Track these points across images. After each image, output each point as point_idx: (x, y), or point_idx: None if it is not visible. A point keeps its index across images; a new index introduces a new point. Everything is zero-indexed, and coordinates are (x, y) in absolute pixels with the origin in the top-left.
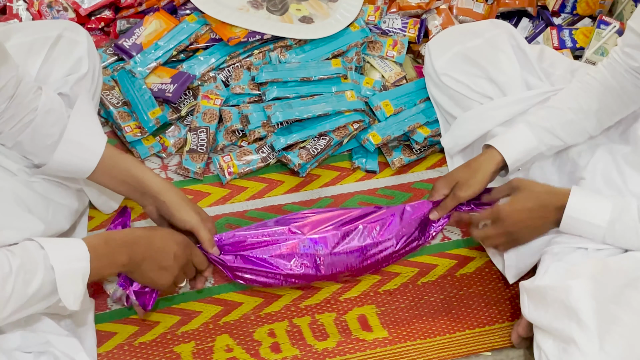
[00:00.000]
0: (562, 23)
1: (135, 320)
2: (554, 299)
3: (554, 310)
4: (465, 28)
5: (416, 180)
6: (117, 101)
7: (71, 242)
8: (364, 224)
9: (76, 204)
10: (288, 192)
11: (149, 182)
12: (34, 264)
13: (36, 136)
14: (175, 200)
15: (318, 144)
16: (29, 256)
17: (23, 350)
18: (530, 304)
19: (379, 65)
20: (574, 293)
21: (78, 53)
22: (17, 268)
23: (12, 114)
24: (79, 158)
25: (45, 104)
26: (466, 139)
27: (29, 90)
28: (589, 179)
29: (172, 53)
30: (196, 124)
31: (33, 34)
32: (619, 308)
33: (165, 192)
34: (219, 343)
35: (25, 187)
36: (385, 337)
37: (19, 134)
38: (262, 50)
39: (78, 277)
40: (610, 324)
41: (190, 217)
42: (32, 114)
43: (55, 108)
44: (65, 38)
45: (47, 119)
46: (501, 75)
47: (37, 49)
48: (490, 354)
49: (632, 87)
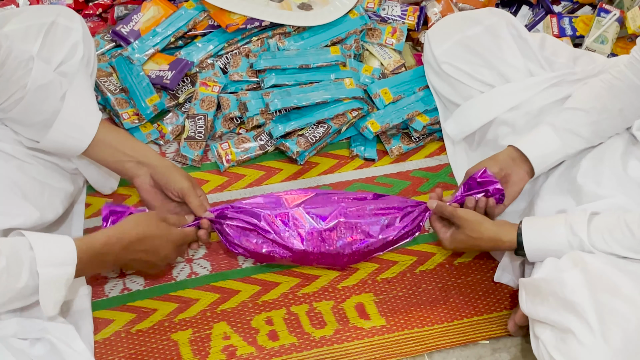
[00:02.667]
0: (562, 11)
1: (132, 307)
2: (549, 292)
3: (550, 303)
4: (464, 16)
5: (415, 169)
6: (114, 88)
7: (62, 244)
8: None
9: (71, 187)
10: (286, 180)
11: (145, 150)
12: (19, 266)
13: (28, 113)
14: (169, 165)
15: (316, 132)
16: (15, 257)
17: (19, 336)
18: (527, 298)
19: (378, 52)
20: (568, 285)
21: (73, 39)
22: (0, 270)
23: (3, 88)
24: (72, 138)
25: (36, 80)
26: (472, 126)
27: (18, 65)
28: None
29: (170, 40)
30: (194, 111)
31: (27, 20)
32: (612, 297)
33: (160, 159)
34: (217, 330)
35: (21, 172)
36: (383, 326)
37: (9, 110)
38: (261, 37)
39: (62, 282)
40: (605, 313)
41: (182, 182)
42: (22, 91)
43: (46, 84)
44: (59, 25)
45: (38, 95)
46: (502, 64)
47: (33, 35)
48: (487, 343)
49: None
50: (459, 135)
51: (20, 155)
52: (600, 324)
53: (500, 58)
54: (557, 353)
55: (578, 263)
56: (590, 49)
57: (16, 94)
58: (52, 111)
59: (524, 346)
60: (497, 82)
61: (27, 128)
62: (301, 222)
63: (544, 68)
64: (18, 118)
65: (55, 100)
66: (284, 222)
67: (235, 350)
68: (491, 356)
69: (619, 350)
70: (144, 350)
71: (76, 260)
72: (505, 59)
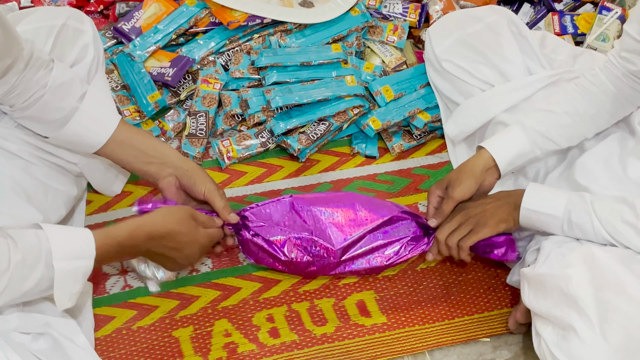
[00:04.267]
0: (564, 9)
1: (133, 304)
2: (554, 287)
3: (554, 297)
4: (465, 13)
5: (416, 166)
6: (116, 85)
7: (79, 237)
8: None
9: (75, 191)
10: (287, 177)
11: (167, 151)
12: (35, 259)
13: (46, 110)
14: (194, 166)
15: (318, 129)
16: (31, 251)
17: (21, 331)
18: (530, 291)
19: (380, 50)
20: (573, 281)
21: (83, 41)
22: (16, 264)
23: (24, 88)
24: (91, 131)
25: (56, 79)
26: (470, 127)
27: (41, 66)
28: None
29: (172, 37)
30: (195, 108)
31: (37, 21)
32: (616, 295)
33: (184, 160)
34: (218, 328)
35: (25, 173)
36: (384, 323)
37: (29, 108)
38: (262, 35)
39: (79, 275)
40: (608, 311)
41: (208, 183)
42: (42, 90)
43: (66, 82)
44: (70, 27)
45: (56, 94)
46: (502, 62)
47: (43, 37)
48: (488, 340)
49: (630, 90)
50: (459, 136)
51: (26, 156)
52: (601, 322)
53: (500, 55)
54: (558, 350)
55: (587, 259)
56: (591, 47)
57: (37, 93)
58: (70, 109)
59: (525, 344)
60: (497, 80)
61: (43, 125)
62: (320, 252)
63: (544, 66)
64: (35, 115)
65: (75, 99)
66: (305, 248)
67: (236, 348)
68: (492, 353)
69: (620, 348)
70: (145, 347)
71: (94, 254)
72: (505, 56)
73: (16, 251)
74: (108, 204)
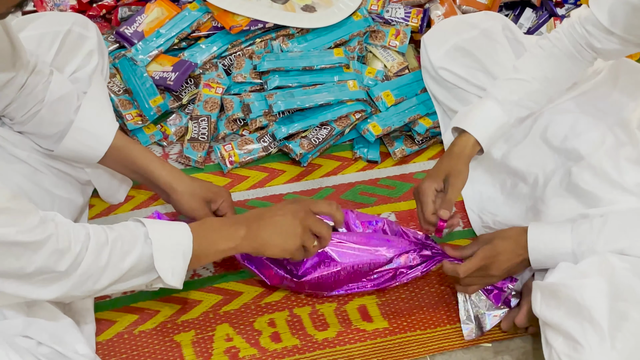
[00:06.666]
0: (566, 14)
1: (135, 308)
2: (567, 297)
3: (566, 308)
4: (460, 20)
5: (418, 171)
6: (118, 89)
7: (174, 224)
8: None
9: (81, 200)
10: (289, 182)
11: (157, 174)
12: (132, 237)
13: (43, 124)
14: (183, 192)
15: (320, 134)
16: (128, 231)
17: (25, 335)
18: (542, 301)
19: (382, 54)
20: (587, 291)
21: (88, 47)
22: (114, 239)
23: (22, 102)
24: (87, 146)
25: (54, 93)
26: None
27: (40, 80)
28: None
29: (174, 41)
30: (197, 112)
31: (42, 27)
32: (630, 305)
33: (174, 184)
34: (219, 332)
35: (32, 182)
36: (386, 328)
37: (27, 122)
38: (264, 39)
39: (178, 253)
40: (620, 320)
41: (198, 212)
42: (39, 105)
43: (64, 95)
44: (74, 33)
45: (54, 108)
46: (498, 68)
47: (47, 43)
48: (490, 345)
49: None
50: None
51: (34, 164)
52: (613, 330)
53: (495, 61)
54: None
55: (602, 269)
56: None
57: (34, 108)
58: (67, 122)
59: (527, 349)
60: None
61: (43, 139)
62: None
63: None
64: (34, 129)
65: (71, 112)
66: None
67: (238, 352)
68: (494, 359)
69: (629, 356)
70: (146, 352)
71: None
72: (500, 62)
73: (112, 231)
74: (109, 209)
